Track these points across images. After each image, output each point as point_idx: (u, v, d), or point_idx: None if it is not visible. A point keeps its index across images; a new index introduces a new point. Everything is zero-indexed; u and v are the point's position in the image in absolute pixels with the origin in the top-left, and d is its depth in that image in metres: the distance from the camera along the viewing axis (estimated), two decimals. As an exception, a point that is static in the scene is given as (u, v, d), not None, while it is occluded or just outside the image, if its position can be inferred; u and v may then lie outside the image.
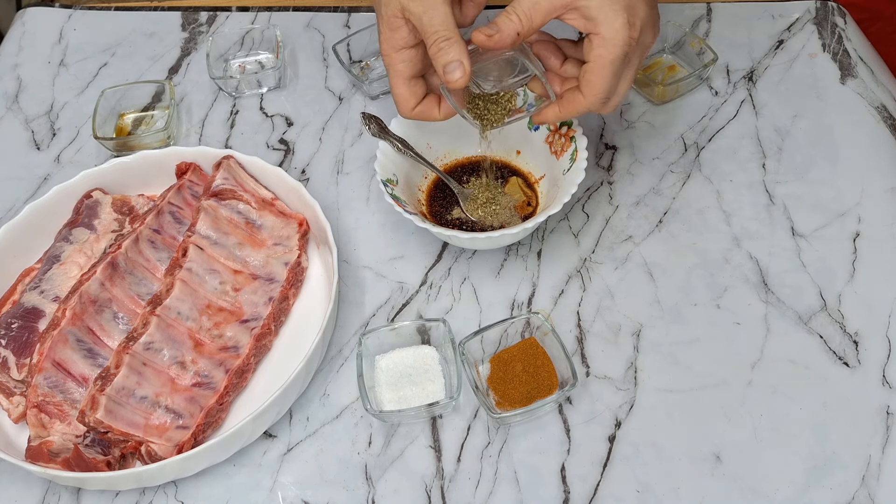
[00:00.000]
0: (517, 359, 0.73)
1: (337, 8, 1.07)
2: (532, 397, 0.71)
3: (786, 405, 0.72)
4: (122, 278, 0.77)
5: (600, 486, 0.69)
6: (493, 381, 0.73)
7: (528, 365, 0.73)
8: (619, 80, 0.72)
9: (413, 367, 0.74)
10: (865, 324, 0.77)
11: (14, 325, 0.76)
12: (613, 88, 0.72)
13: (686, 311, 0.78)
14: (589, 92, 0.72)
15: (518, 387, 0.72)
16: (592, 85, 0.71)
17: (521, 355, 0.73)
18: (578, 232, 0.84)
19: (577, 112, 0.74)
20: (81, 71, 1.03)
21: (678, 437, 0.71)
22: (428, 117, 0.77)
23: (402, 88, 0.75)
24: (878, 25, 1.09)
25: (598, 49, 0.70)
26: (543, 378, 0.72)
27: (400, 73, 0.74)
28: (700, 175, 0.88)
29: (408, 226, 0.85)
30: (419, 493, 0.69)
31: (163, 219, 0.82)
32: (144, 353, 0.72)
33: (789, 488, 0.68)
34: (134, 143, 0.93)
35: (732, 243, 0.83)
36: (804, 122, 0.91)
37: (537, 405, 0.71)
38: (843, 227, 0.83)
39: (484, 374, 0.74)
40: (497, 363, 0.74)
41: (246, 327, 0.76)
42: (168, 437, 0.69)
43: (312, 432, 0.73)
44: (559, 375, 0.73)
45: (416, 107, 0.76)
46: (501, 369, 0.73)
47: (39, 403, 0.71)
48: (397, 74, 0.74)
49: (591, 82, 0.71)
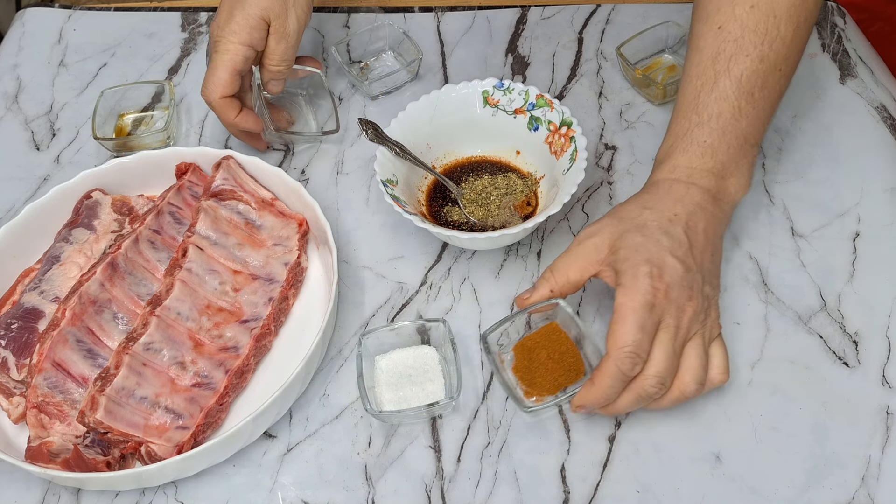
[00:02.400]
0: (541, 346, 0.72)
1: (337, 8, 1.07)
2: (560, 384, 0.70)
3: (786, 405, 0.72)
4: (122, 279, 0.77)
5: (600, 486, 0.69)
6: (519, 370, 0.72)
7: (553, 351, 0.71)
8: (649, 337, 0.66)
9: (413, 368, 0.74)
10: (865, 324, 0.77)
11: (14, 326, 0.76)
12: (640, 343, 0.65)
13: (686, 311, 0.78)
14: (613, 345, 0.66)
15: (545, 374, 0.71)
16: (615, 336, 0.66)
17: (545, 342, 0.72)
18: (578, 232, 0.84)
19: (608, 378, 0.66)
20: (81, 71, 1.03)
21: (678, 437, 0.71)
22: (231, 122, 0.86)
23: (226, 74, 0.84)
24: (877, 25, 1.09)
25: (619, 298, 0.67)
26: (570, 364, 0.71)
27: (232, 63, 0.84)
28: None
29: (407, 226, 0.85)
30: (419, 493, 0.69)
31: (162, 219, 0.82)
32: (144, 353, 0.72)
33: (789, 488, 0.68)
34: (134, 143, 0.93)
35: (732, 243, 0.82)
36: (804, 122, 0.91)
37: (570, 392, 0.69)
38: (842, 227, 0.83)
39: (508, 363, 0.73)
40: (521, 351, 0.72)
41: (246, 328, 0.76)
42: (168, 438, 0.69)
43: (312, 432, 0.73)
44: (585, 360, 0.71)
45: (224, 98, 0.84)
46: (526, 357, 0.72)
47: (39, 404, 0.71)
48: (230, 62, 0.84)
49: (615, 333, 0.66)
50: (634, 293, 0.66)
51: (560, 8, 1.05)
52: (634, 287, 0.66)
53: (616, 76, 0.98)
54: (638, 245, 0.69)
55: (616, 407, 0.68)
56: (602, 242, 0.71)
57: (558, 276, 0.71)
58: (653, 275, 0.67)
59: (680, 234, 0.69)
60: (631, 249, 0.68)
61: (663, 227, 0.70)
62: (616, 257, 0.69)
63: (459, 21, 1.05)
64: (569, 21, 1.04)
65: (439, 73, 1.00)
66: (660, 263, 0.67)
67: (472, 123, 0.87)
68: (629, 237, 0.69)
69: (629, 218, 0.71)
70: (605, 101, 0.95)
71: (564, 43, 1.02)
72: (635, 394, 0.67)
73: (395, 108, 0.86)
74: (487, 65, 1.00)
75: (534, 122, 0.85)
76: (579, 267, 0.71)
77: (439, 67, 1.01)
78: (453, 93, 0.86)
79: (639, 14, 1.04)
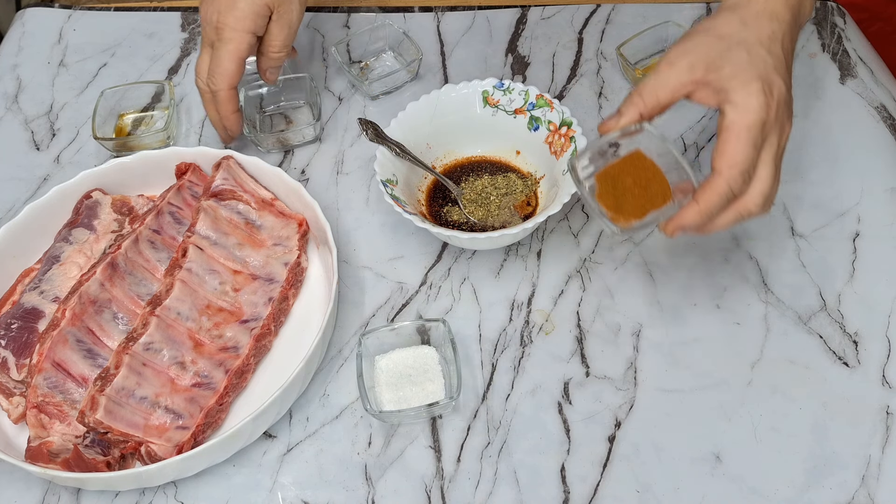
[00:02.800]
0: (626, 172, 0.68)
1: (337, 8, 1.07)
2: (646, 210, 0.68)
3: (786, 405, 0.72)
4: (122, 279, 0.77)
5: (600, 486, 0.69)
6: (604, 197, 0.68)
7: (639, 178, 0.68)
8: (758, 155, 0.65)
9: (413, 368, 0.74)
10: (865, 324, 0.77)
11: (14, 326, 0.75)
12: (752, 162, 0.65)
13: (686, 311, 0.78)
14: (724, 163, 0.64)
15: (631, 201, 0.68)
16: (727, 155, 0.64)
17: (630, 168, 0.69)
18: (578, 232, 0.84)
19: (717, 196, 0.65)
20: (81, 71, 1.03)
21: (678, 437, 0.71)
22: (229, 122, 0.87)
23: (233, 65, 0.83)
24: (877, 25, 1.09)
25: (730, 115, 0.65)
26: (656, 190, 0.68)
27: (238, 52, 0.82)
28: (700, 175, 0.88)
29: (407, 226, 0.85)
30: (419, 493, 0.69)
31: (162, 219, 0.82)
32: (144, 353, 0.72)
33: (789, 488, 0.68)
34: (134, 143, 0.93)
35: (732, 243, 0.82)
36: (804, 122, 0.91)
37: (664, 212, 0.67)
38: (842, 226, 0.83)
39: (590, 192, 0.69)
40: (604, 179, 0.69)
41: (246, 327, 0.76)
42: (168, 438, 0.69)
43: (312, 432, 0.73)
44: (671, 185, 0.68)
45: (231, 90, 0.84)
46: (610, 185, 0.68)
47: (39, 404, 0.71)
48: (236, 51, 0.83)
49: (726, 152, 0.64)
50: (747, 111, 0.65)
51: (560, 8, 1.05)
52: (747, 104, 0.65)
53: (616, 76, 0.98)
54: (746, 62, 0.67)
55: (713, 225, 0.67)
56: (698, 61, 0.67)
57: (647, 99, 0.68)
58: (765, 92, 0.65)
59: (779, 52, 0.69)
60: (739, 67, 0.66)
61: (765, 45, 0.68)
62: (719, 75, 0.66)
63: (459, 21, 1.05)
64: (569, 21, 1.04)
65: (439, 73, 1.00)
66: (769, 81, 0.66)
67: (472, 123, 0.87)
68: (734, 54, 0.67)
69: (728, 35, 0.68)
70: (605, 101, 0.95)
71: (564, 43, 1.02)
72: (737, 213, 0.66)
73: (395, 108, 0.86)
74: (487, 65, 1.00)
75: (534, 122, 0.85)
76: (671, 88, 0.68)
77: (439, 67, 1.01)
78: (453, 93, 0.86)
79: (639, 14, 1.03)
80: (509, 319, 0.79)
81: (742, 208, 0.66)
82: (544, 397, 0.74)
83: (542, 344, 0.77)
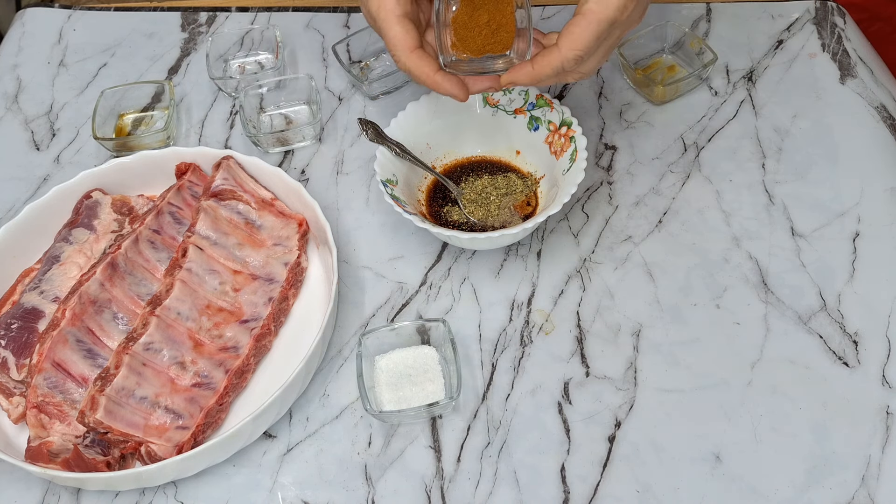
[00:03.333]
0: (485, 9, 0.71)
1: (337, 8, 1.07)
2: (485, 51, 0.71)
3: (786, 405, 0.72)
4: (122, 279, 0.77)
5: (600, 486, 0.69)
6: (457, 22, 0.71)
7: (493, 20, 0.71)
8: (599, 46, 0.71)
9: (413, 368, 0.74)
10: (865, 324, 0.77)
11: (14, 326, 0.76)
12: (590, 51, 0.70)
13: (686, 311, 0.78)
14: (568, 45, 0.70)
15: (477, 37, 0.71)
16: (574, 38, 0.70)
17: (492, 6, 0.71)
18: (578, 232, 0.84)
19: (550, 69, 0.71)
20: (81, 71, 1.03)
21: (678, 437, 0.71)
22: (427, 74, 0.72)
23: (396, 27, 0.71)
24: (877, 25, 1.09)
25: (590, 4, 0.69)
26: (503, 37, 0.71)
27: (392, 11, 0.71)
28: (700, 175, 0.88)
29: (407, 226, 0.85)
30: (419, 493, 0.69)
31: (162, 219, 0.82)
32: (144, 353, 0.72)
33: (789, 488, 0.68)
34: (134, 143, 0.93)
35: (732, 243, 0.83)
36: (804, 122, 0.91)
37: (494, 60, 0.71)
38: (842, 226, 0.83)
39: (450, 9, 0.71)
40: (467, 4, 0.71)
41: (246, 327, 0.76)
42: (168, 438, 0.69)
43: (312, 432, 0.73)
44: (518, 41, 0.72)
45: (416, 50, 0.71)
46: (468, 13, 0.71)
47: (39, 404, 0.71)
48: (389, 13, 0.71)
49: (574, 35, 0.70)
50: (606, 6, 0.69)
51: (560, 8, 1.05)
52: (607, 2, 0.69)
53: (616, 76, 0.98)
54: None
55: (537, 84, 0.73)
56: None
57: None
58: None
59: None
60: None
61: None
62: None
63: (459, 21, 1.05)
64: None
65: (439, 73, 1.00)
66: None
67: (471, 123, 0.87)
68: None
69: None
70: (605, 101, 0.95)
71: (564, 43, 1.02)
72: (558, 78, 0.73)
73: (395, 108, 0.86)
74: (487, 65, 1.00)
75: (534, 122, 0.85)
76: None
77: (439, 67, 1.00)
78: (453, 93, 0.86)
79: (639, 14, 1.03)
80: (509, 319, 0.79)
81: (564, 77, 0.73)
82: (544, 397, 0.74)
83: (542, 344, 0.77)
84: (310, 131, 0.92)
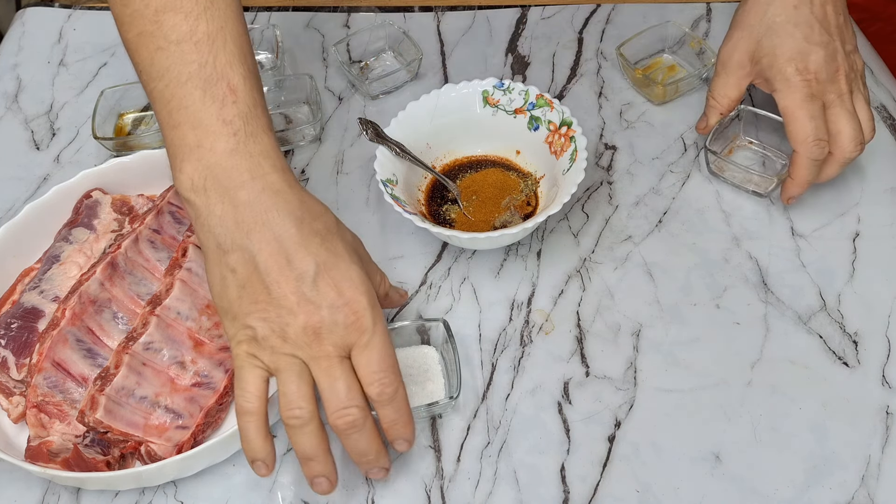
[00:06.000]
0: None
1: (337, 8, 1.07)
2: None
3: (785, 405, 0.72)
4: (122, 278, 0.77)
5: (600, 486, 0.69)
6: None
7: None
8: (822, 116, 0.76)
9: (413, 367, 0.74)
10: (865, 324, 0.77)
11: (13, 325, 0.76)
12: (818, 129, 0.76)
13: (686, 311, 0.78)
14: (796, 142, 0.77)
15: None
16: (794, 135, 0.77)
17: None
18: (578, 232, 0.84)
19: (806, 172, 0.78)
20: (81, 71, 1.03)
21: (678, 437, 0.71)
22: None
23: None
24: (877, 25, 1.09)
25: (781, 103, 0.78)
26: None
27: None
28: (700, 175, 0.88)
29: (407, 226, 0.85)
30: (419, 493, 0.69)
31: (162, 219, 0.82)
32: (144, 353, 0.72)
33: (789, 488, 0.68)
34: (134, 143, 0.93)
35: (732, 243, 0.83)
36: (804, 122, 0.91)
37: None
38: (842, 227, 0.83)
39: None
40: None
41: (246, 327, 0.76)
42: (168, 437, 0.69)
43: (312, 432, 0.73)
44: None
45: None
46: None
47: (39, 403, 0.71)
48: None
49: (792, 132, 0.77)
50: (792, 93, 0.76)
51: (560, 8, 1.05)
52: (788, 88, 0.76)
53: (616, 76, 0.98)
54: (775, 47, 0.77)
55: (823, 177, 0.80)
56: (743, 58, 0.80)
57: (721, 101, 0.83)
58: (800, 70, 0.76)
59: (808, 17, 0.76)
60: (771, 55, 0.77)
61: (791, 19, 0.77)
62: (761, 67, 0.78)
63: (459, 21, 1.05)
64: (569, 21, 1.04)
65: (439, 73, 1.00)
66: (802, 56, 0.76)
67: (472, 123, 0.87)
68: (765, 43, 0.78)
69: (756, 24, 0.78)
70: (605, 101, 0.95)
71: (564, 43, 1.02)
72: (837, 163, 0.78)
73: (395, 108, 0.86)
74: (487, 65, 1.00)
75: (534, 121, 0.85)
76: (734, 85, 0.82)
77: (439, 67, 1.01)
78: (453, 93, 0.86)
79: (639, 14, 1.04)
80: (509, 319, 0.79)
81: (840, 157, 0.77)
82: (544, 397, 0.74)
83: (542, 344, 0.77)
84: (310, 131, 0.92)
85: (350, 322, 0.60)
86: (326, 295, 0.60)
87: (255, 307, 0.61)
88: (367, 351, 0.61)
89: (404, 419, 0.63)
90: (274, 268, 0.60)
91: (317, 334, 0.60)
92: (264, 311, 0.60)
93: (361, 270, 0.62)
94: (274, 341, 0.61)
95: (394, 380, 0.62)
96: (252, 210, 0.61)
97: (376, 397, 0.62)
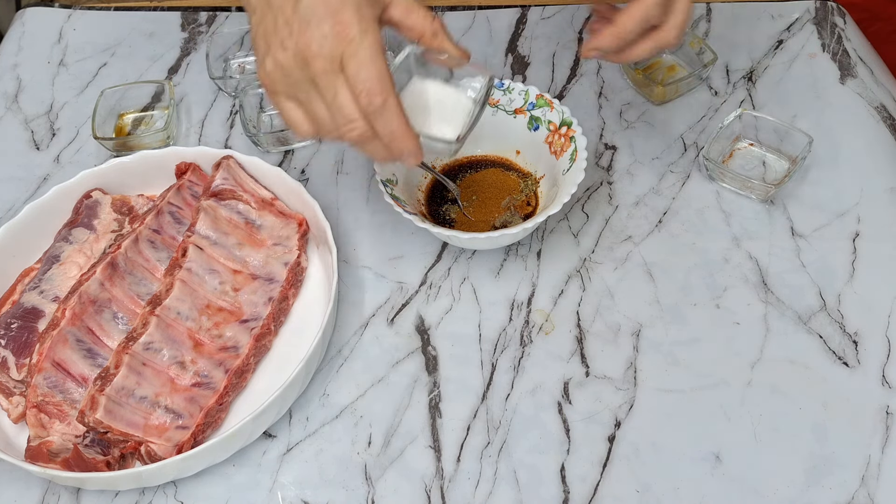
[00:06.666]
0: None
1: (337, 8, 1.07)
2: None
3: (785, 405, 0.72)
4: (122, 278, 0.77)
5: (600, 485, 0.69)
6: None
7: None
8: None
9: (441, 104, 0.70)
10: (865, 324, 0.77)
11: (13, 325, 0.76)
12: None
13: (686, 311, 0.78)
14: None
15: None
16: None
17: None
18: (578, 232, 0.84)
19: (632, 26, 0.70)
20: (81, 71, 1.03)
21: (678, 437, 0.71)
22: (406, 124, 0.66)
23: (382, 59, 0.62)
24: (877, 25, 1.09)
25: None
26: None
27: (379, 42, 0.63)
28: (700, 175, 0.88)
29: (407, 226, 0.85)
30: (419, 493, 0.69)
31: (162, 219, 0.82)
32: (144, 353, 0.72)
33: (789, 488, 0.68)
34: (134, 143, 0.93)
35: (732, 243, 0.83)
36: (804, 122, 0.91)
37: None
38: (842, 227, 0.83)
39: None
40: None
41: (245, 327, 0.76)
42: (167, 437, 0.69)
43: (312, 432, 0.73)
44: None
45: None
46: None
47: (39, 403, 0.71)
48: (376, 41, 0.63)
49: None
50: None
51: (560, 8, 1.05)
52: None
53: (616, 76, 0.98)
54: None
55: (632, 52, 0.73)
56: None
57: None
58: None
59: None
60: None
61: None
62: None
63: (459, 21, 1.05)
64: (569, 21, 1.04)
65: (439, 73, 1.00)
66: None
67: (472, 123, 0.87)
68: None
69: None
70: (605, 101, 0.95)
71: (564, 43, 1.02)
72: (654, 42, 0.72)
73: (395, 107, 0.86)
74: (487, 65, 1.00)
75: (534, 121, 0.85)
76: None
77: (439, 67, 1.00)
78: (453, 92, 0.86)
79: (639, 14, 1.03)
80: (509, 319, 0.79)
81: (658, 38, 0.72)
82: (544, 397, 0.74)
83: (542, 344, 0.77)
84: None
85: (336, 32, 0.61)
86: (315, 10, 0.61)
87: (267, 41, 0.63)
88: (353, 60, 0.61)
89: (401, 131, 0.63)
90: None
91: (309, 49, 0.61)
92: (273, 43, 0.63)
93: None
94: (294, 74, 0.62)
95: (381, 90, 0.61)
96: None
97: (364, 109, 0.62)
